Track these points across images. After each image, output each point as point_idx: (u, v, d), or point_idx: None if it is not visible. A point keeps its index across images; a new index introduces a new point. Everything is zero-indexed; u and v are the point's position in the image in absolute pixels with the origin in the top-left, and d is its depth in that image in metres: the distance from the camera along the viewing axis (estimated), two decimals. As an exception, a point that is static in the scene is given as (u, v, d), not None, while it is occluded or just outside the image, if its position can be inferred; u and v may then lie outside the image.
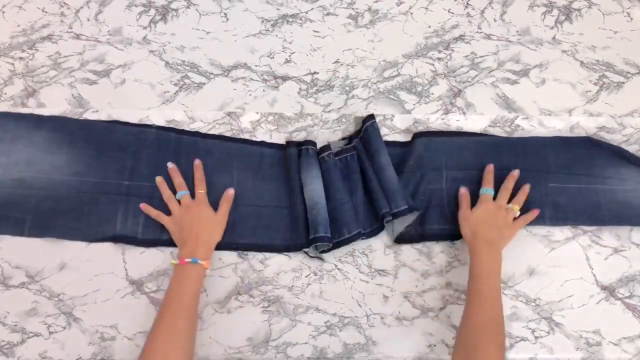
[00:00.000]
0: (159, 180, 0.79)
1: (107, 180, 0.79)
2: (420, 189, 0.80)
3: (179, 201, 0.77)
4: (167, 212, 0.77)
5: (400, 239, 0.78)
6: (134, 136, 0.81)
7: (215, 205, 0.77)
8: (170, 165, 0.80)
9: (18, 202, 0.77)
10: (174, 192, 0.78)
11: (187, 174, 0.80)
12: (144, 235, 0.78)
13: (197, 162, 0.80)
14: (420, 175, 0.81)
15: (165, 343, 0.63)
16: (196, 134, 0.83)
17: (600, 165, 0.82)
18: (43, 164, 0.79)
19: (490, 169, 0.81)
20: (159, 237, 0.78)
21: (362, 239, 0.78)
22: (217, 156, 0.82)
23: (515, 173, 0.80)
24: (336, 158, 0.79)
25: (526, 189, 0.79)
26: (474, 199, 0.79)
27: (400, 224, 0.77)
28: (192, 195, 0.78)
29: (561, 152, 0.83)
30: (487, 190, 0.78)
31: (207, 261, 0.71)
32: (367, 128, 0.80)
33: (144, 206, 0.77)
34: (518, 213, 0.77)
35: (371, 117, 0.81)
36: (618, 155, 0.82)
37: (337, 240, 0.76)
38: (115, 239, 0.77)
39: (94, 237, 0.77)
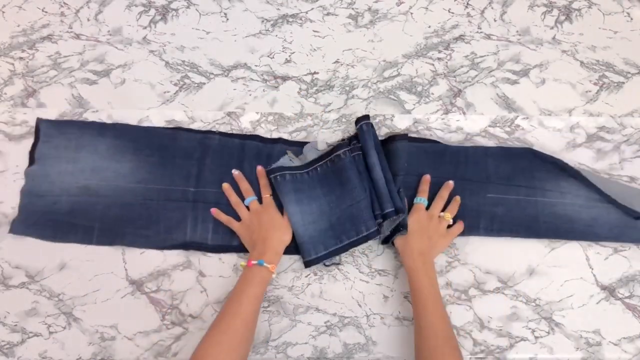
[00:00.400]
0: (226, 186, 0.79)
1: (173, 187, 0.80)
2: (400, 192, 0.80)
3: (247, 207, 0.78)
4: (235, 218, 0.78)
5: (386, 241, 0.77)
6: (198, 142, 0.82)
7: (281, 209, 0.78)
8: (235, 172, 0.80)
9: (85, 210, 0.78)
10: (241, 198, 0.79)
11: (250, 179, 0.80)
12: (214, 241, 0.78)
13: (260, 169, 0.80)
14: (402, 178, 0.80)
15: (220, 342, 0.64)
16: (256, 137, 0.83)
17: (540, 178, 0.81)
18: (108, 171, 0.80)
19: (426, 178, 0.80)
20: (229, 243, 0.78)
21: (379, 237, 0.77)
22: (280, 158, 0.82)
23: (451, 183, 0.80)
24: (352, 155, 0.77)
25: (458, 198, 0.79)
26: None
27: (387, 226, 0.76)
28: (259, 200, 0.79)
29: (502, 162, 0.82)
30: (420, 199, 0.78)
31: (274, 265, 0.71)
32: (358, 129, 0.79)
33: (214, 211, 0.78)
34: (451, 221, 0.77)
35: (365, 117, 0.79)
36: (559, 168, 0.81)
37: (356, 238, 0.75)
38: (186, 246, 0.78)
39: (163, 245, 0.78)
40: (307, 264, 0.76)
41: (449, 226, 0.78)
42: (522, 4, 0.94)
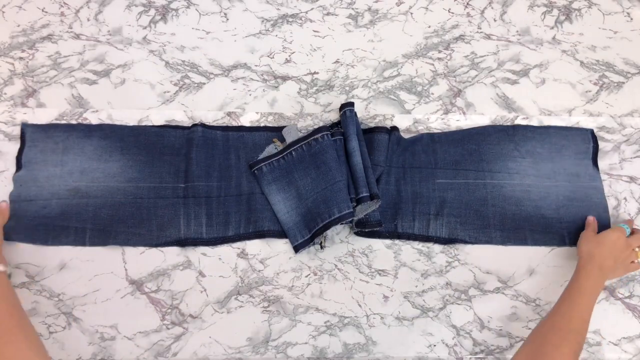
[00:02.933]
0: None
1: (163, 184, 0.80)
2: (382, 182, 0.81)
3: None
4: (230, 208, 0.79)
5: (359, 225, 0.77)
6: (185, 138, 0.82)
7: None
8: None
9: (76, 212, 0.78)
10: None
11: (239, 170, 0.81)
12: (209, 235, 0.78)
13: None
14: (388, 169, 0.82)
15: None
16: (241, 128, 0.84)
17: (488, 160, 0.83)
18: (96, 172, 0.80)
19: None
20: (224, 234, 0.78)
21: (351, 220, 0.77)
22: (266, 147, 0.83)
23: None
24: (333, 138, 0.79)
25: None
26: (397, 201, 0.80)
27: (361, 210, 0.77)
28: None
29: (450, 147, 0.83)
30: (624, 225, 0.77)
31: None
32: (342, 114, 0.81)
33: None
34: (638, 259, 0.76)
35: (349, 104, 0.81)
36: (508, 139, 0.83)
37: (329, 220, 0.75)
38: (181, 242, 0.78)
39: (157, 242, 0.78)
40: (296, 249, 0.77)
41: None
42: (522, 4, 0.94)
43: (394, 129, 0.83)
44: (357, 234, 0.79)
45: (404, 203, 0.80)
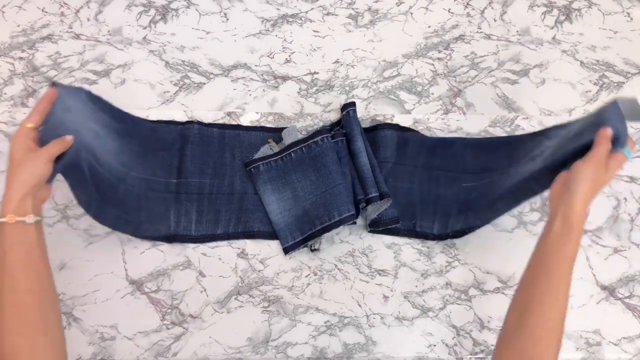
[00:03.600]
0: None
1: (155, 177, 0.79)
2: (390, 180, 0.81)
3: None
4: (225, 204, 0.79)
5: (373, 225, 0.78)
6: (178, 134, 0.82)
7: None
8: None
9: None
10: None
11: (233, 168, 0.81)
12: (198, 232, 0.78)
13: (51, 90, 0.61)
14: (392, 167, 0.82)
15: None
16: (238, 127, 0.83)
17: (517, 167, 0.76)
18: (103, 139, 0.71)
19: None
20: (212, 232, 0.78)
21: (354, 222, 0.77)
22: (261, 147, 0.83)
23: None
24: (334, 140, 0.79)
25: None
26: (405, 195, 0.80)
27: (373, 211, 0.77)
28: None
29: (480, 153, 0.82)
30: (627, 151, 0.57)
31: (12, 215, 0.54)
32: (344, 115, 0.81)
33: None
34: None
35: (351, 104, 0.81)
36: (536, 144, 0.74)
37: (328, 223, 0.75)
38: (169, 238, 0.78)
39: (145, 235, 0.77)
40: (286, 250, 0.77)
41: None
42: (522, 4, 0.94)
43: (410, 129, 0.83)
44: (373, 232, 0.79)
45: (425, 204, 0.80)
